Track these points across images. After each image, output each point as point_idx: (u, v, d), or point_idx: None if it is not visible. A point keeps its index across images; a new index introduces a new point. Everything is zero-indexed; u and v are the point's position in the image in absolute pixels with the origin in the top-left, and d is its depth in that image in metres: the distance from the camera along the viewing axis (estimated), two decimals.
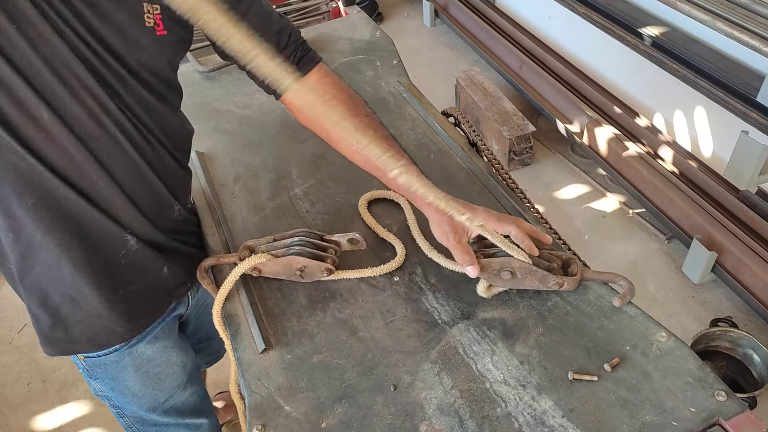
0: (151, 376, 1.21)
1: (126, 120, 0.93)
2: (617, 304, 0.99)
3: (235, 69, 1.78)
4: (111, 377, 1.18)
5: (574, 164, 3.05)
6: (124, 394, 1.22)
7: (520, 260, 0.98)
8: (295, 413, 0.91)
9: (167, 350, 1.22)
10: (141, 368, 1.18)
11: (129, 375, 1.18)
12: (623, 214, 2.77)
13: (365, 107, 1.08)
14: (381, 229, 1.19)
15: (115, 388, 1.21)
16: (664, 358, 0.92)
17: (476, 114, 3.16)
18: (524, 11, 3.64)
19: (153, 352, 1.19)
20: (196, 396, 1.36)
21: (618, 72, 3.00)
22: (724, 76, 2.28)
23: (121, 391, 1.21)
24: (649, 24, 2.63)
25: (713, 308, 2.35)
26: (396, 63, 1.74)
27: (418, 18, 4.43)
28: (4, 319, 2.52)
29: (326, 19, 3.98)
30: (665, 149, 2.57)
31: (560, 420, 0.86)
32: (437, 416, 0.89)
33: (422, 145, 1.42)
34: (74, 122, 0.88)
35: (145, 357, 1.18)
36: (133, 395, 1.22)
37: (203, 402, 1.40)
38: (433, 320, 1.03)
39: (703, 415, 0.84)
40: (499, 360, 0.95)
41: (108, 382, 1.19)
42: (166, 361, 1.23)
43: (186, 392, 1.32)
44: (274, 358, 1.00)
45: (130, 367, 1.17)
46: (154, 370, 1.21)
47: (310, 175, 1.37)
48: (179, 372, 1.28)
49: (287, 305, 1.08)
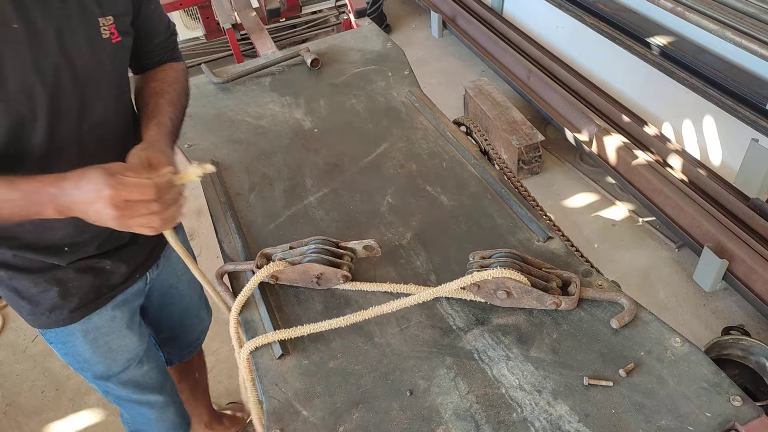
0: (101, 344, 1.28)
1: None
2: (615, 326, 0.98)
3: (249, 80, 1.81)
4: (62, 341, 1.26)
5: (583, 173, 3.05)
6: (77, 360, 1.30)
7: (516, 280, 1.00)
8: (312, 418, 0.93)
9: (116, 321, 1.29)
10: (89, 335, 1.25)
11: (78, 341, 1.26)
12: (633, 222, 2.77)
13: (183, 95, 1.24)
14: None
15: (67, 354, 1.29)
16: (678, 364, 0.92)
17: (485, 123, 3.18)
18: (532, 22, 3.67)
19: (101, 321, 1.25)
20: (156, 372, 1.44)
21: (626, 81, 3.02)
22: (733, 85, 2.28)
23: (73, 356, 1.29)
24: (657, 34, 2.64)
25: (725, 316, 2.34)
26: (407, 73, 1.77)
27: (426, 29, 4.47)
28: (18, 328, 2.54)
29: (336, 30, 4.04)
30: (674, 158, 2.57)
31: (576, 425, 0.87)
32: (453, 421, 0.90)
33: (435, 154, 1.44)
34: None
35: (92, 325, 1.24)
36: (85, 361, 1.30)
37: (165, 379, 1.49)
38: (448, 326, 1.04)
39: (719, 419, 0.85)
40: (514, 365, 0.96)
41: (60, 346, 1.27)
42: (116, 332, 1.30)
43: (143, 367, 1.40)
44: (292, 363, 1.01)
45: (78, 333, 1.24)
46: (104, 339, 1.28)
47: (324, 184, 1.39)
48: (133, 345, 1.35)
49: (303, 312, 1.10)
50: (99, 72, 1.03)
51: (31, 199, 0.91)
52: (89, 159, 0.98)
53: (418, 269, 1.16)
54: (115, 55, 1.05)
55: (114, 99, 1.10)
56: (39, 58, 0.93)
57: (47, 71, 0.95)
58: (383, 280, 1.13)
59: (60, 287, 1.16)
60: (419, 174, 1.39)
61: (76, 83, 1.00)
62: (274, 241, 1.21)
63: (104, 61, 1.03)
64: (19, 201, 0.91)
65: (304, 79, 1.80)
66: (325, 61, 1.85)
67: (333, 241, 1.14)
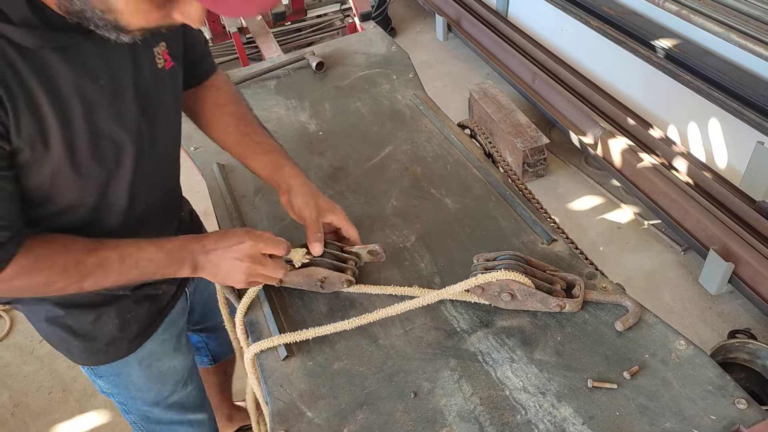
0: (154, 370, 1.26)
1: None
2: (619, 328, 0.98)
3: (255, 84, 1.82)
4: (115, 374, 1.23)
5: (588, 176, 3.05)
6: (129, 389, 1.27)
7: (520, 282, 1.00)
8: (317, 419, 0.93)
9: (166, 344, 1.27)
10: (144, 362, 1.23)
11: (133, 370, 1.23)
12: (638, 225, 2.77)
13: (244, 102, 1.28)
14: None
15: (119, 384, 1.26)
16: (683, 366, 0.92)
17: (490, 126, 3.18)
18: (536, 24, 3.67)
19: (153, 346, 1.24)
20: (197, 391, 1.43)
21: (631, 84, 3.01)
22: (738, 88, 2.28)
23: (125, 386, 1.26)
24: (662, 36, 2.64)
25: (731, 320, 2.33)
26: (412, 76, 1.77)
27: (431, 32, 4.48)
28: (26, 330, 2.56)
29: (341, 34, 4.05)
30: (680, 160, 2.57)
31: (580, 427, 0.87)
32: (457, 423, 0.90)
33: (439, 157, 1.45)
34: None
35: (146, 351, 1.22)
36: (138, 390, 1.27)
37: (203, 398, 1.47)
38: (452, 328, 1.04)
39: (724, 423, 0.85)
40: (518, 367, 0.96)
41: (112, 378, 1.24)
42: (166, 355, 1.28)
43: (188, 388, 1.38)
44: (296, 365, 1.02)
45: (133, 362, 1.22)
46: (157, 365, 1.26)
47: (329, 187, 1.40)
48: (181, 366, 1.33)
49: (308, 313, 1.10)
50: (160, 104, 1.02)
51: (173, 258, 0.98)
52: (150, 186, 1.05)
53: (423, 271, 1.16)
54: (170, 82, 1.04)
55: (172, 128, 1.11)
56: (120, 108, 0.92)
57: (130, 120, 0.94)
58: (388, 282, 1.13)
59: (119, 318, 1.14)
60: (423, 177, 1.39)
61: (149, 121, 0.99)
62: None
63: (165, 88, 1.02)
64: (162, 261, 0.97)
65: (309, 82, 1.81)
66: (330, 65, 1.86)
67: (338, 245, 1.14)
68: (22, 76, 0.78)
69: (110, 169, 0.95)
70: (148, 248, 0.96)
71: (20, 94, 0.78)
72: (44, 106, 0.81)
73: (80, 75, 0.84)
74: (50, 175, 0.88)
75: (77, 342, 1.13)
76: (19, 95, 0.78)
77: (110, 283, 0.96)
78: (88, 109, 0.86)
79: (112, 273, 0.95)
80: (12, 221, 0.86)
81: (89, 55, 0.85)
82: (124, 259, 0.95)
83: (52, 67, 0.80)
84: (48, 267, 0.90)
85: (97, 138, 0.89)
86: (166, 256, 0.97)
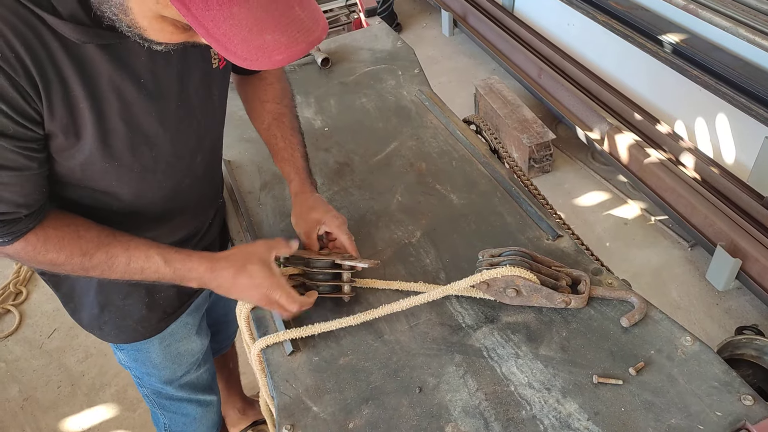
0: (173, 350, 1.31)
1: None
2: (625, 324, 0.98)
3: None
4: (136, 349, 1.27)
5: (594, 171, 3.04)
6: (145, 366, 1.32)
7: (525, 278, 1.00)
8: (323, 414, 0.94)
9: (188, 326, 1.31)
10: (164, 341, 1.28)
11: (153, 347, 1.27)
12: (645, 221, 2.75)
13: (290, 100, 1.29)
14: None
15: (138, 359, 1.30)
16: (689, 363, 0.92)
17: (496, 122, 3.17)
18: (542, 19, 3.65)
19: (176, 327, 1.28)
20: (208, 374, 1.48)
21: (638, 79, 3.00)
22: (746, 83, 2.26)
23: (143, 362, 1.31)
24: (669, 31, 2.62)
25: (738, 316, 2.32)
26: (417, 72, 1.77)
27: (437, 28, 4.47)
28: (35, 325, 2.58)
29: (346, 30, 4.04)
30: (687, 156, 2.55)
31: (585, 423, 0.87)
32: (462, 418, 0.90)
33: (444, 153, 1.45)
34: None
35: (168, 331, 1.27)
36: (154, 367, 1.32)
37: (213, 380, 1.53)
38: (457, 324, 1.04)
39: (730, 419, 0.84)
40: (523, 363, 0.96)
41: (132, 353, 1.29)
42: (186, 337, 1.32)
43: (200, 369, 1.43)
44: (302, 360, 1.02)
45: (155, 340, 1.26)
46: (176, 345, 1.31)
47: (335, 183, 1.40)
48: (198, 349, 1.38)
49: (314, 309, 1.10)
50: (210, 104, 1.04)
51: (180, 276, 1.00)
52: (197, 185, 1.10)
53: (428, 267, 1.16)
54: (221, 81, 1.06)
55: (219, 125, 1.13)
56: (162, 106, 0.93)
57: (170, 120, 0.95)
58: (393, 278, 1.13)
59: (149, 297, 1.18)
60: (429, 172, 1.39)
61: (191, 122, 1.01)
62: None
63: (213, 91, 1.04)
64: (167, 275, 0.99)
65: (315, 78, 1.81)
66: (335, 60, 1.86)
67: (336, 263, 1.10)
68: (60, 67, 0.79)
69: (145, 165, 0.96)
70: (156, 259, 0.98)
71: (57, 84, 0.80)
72: (80, 98, 0.82)
73: (120, 72, 0.85)
74: (81, 164, 0.90)
75: (108, 318, 1.17)
76: (56, 85, 0.80)
77: (114, 278, 0.98)
78: (126, 105, 0.88)
79: (116, 271, 0.97)
80: (34, 201, 0.88)
81: (132, 54, 0.86)
82: (130, 262, 0.97)
83: (92, 62, 0.82)
84: (55, 250, 0.92)
85: (133, 134, 0.91)
86: (172, 273, 0.99)
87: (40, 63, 0.77)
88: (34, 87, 0.78)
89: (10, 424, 2.22)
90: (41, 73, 0.77)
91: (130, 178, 0.96)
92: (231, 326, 1.72)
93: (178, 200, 1.09)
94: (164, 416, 1.48)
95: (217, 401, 1.56)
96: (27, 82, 0.77)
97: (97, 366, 2.37)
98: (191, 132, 1.02)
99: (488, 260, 1.06)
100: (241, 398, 2.01)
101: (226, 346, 1.80)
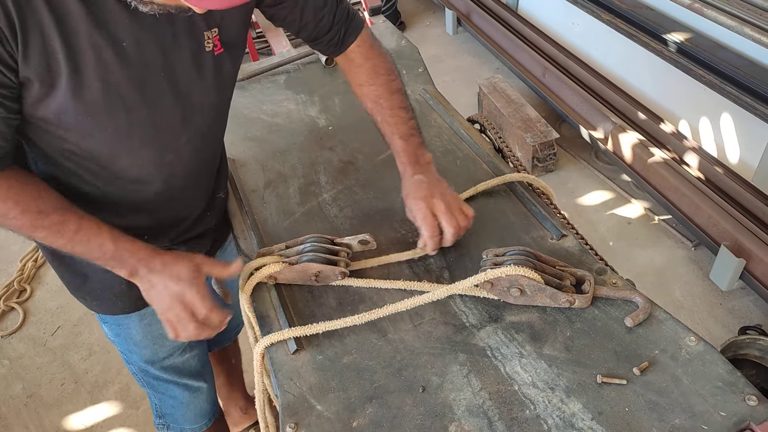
0: (153, 330, 1.31)
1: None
2: (629, 324, 0.98)
3: (265, 78, 1.83)
4: (117, 323, 1.29)
5: (598, 171, 3.04)
6: (126, 342, 1.33)
7: (529, 278, 1.00)
8: (326, 412, 0.94)
9: None
10: (144, 319, 1.29)
11: (133, 323, 1.29)
12: (648, 220, 2.75)
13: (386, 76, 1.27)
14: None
15: (119, 334, 1.32)
16: (693, 363, 0.92)
17: (499, 121, 3.17)
18: (546, 18, 3.64)
19: None
20: (197, 360, 1.47)
21: (642, 78, 2.99)
22: (752, 82, 2.25)
23: (124, 338, 1.32)
24: (674, 30, 2.62)
25: (742, 316, 2.31)
26: (421, 71, 1.77)
27: (440, 26, 4.46)
28: (39, 322, 2.59)
29: None
30: (691, 155, 2.55)
31: (589, 423, 0.87)
32: (466, 417, 0.90)
33: (448, 152, 1.44)
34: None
35: (149, 310, 1.25)
36: (135, 344, 1.33)
37: (203, 367, 1.52)
38: (461, 323, 1.04)
39: (734, 419, 0.84)
40: (527, 363, 0.96)
41: (114, 328, 1.31)
42: None
43: (185, 355, 1.43)
44: (306, 358, 1.02)
45: (134, 317, 1.27)
46: (157, 325, 1.29)
47: (339, 181, 1.40)
48: None
49: (317, 308, 1.11)
50: (200, 84, 1.04)
51: (119, 257, 1.00)
52: (186, 167, 1.11)
53: (432, 266, 1.16)
54: (216, 66, 1.06)
55: (214, 111, 1.13)
56: (143, 75, 0.94)
57: (150, 90, 0.96)
58: (397, 276, 1.13)
59: None
60: None
61: (177, 98, 1.01)
62: (289, 238, 1.22)
63: (206, 73, 1.04)
64: (108, 253, 0.99)
65: (319, 76, 1.81)
66: None
67: (328, 238, 1.15)
68: (41, 17, 0.81)
69: (119, 126, 0.96)
70: (105, 235, 0.98)
71: (35, 32, 0.82)
72: (57, 49, 0.84)
73: (100, 31, 0.86)
74: (56, 113, 0.90)
75: (90, 287, 1.19)
76: (34, 32, 0.82)
77: (58, 245, 0.98)
78: (104, 65, 0.89)
79: (63, 237, 0.97)
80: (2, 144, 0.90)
81: (114, 17, 0.87)
82: (79, 231, 0.97)
83: (72, 15, 0.83)
84: (13, 200, 0.93)
85: (109, 94, 0.92)
86: (114, 251, 0.99)
87: (21, 8, 0.79)
88: (12, 30, 0.79)
89: (14, 421, 2.23)
90: (21, 18, 0.79)
91: (103, 136, 0.97)
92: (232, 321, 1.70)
93: (158, 175, 1.08)
94: (154, 396, 1.51)
95: (208, 389, 1.55)
96: (6, 24, 0.79)
97: (101, 363, 2.38)
98: (176, 109, 1.02)
99: (492, 259, 1.06)
100: (243, 396, 2.01)
101: (227, 339, 1.79)
